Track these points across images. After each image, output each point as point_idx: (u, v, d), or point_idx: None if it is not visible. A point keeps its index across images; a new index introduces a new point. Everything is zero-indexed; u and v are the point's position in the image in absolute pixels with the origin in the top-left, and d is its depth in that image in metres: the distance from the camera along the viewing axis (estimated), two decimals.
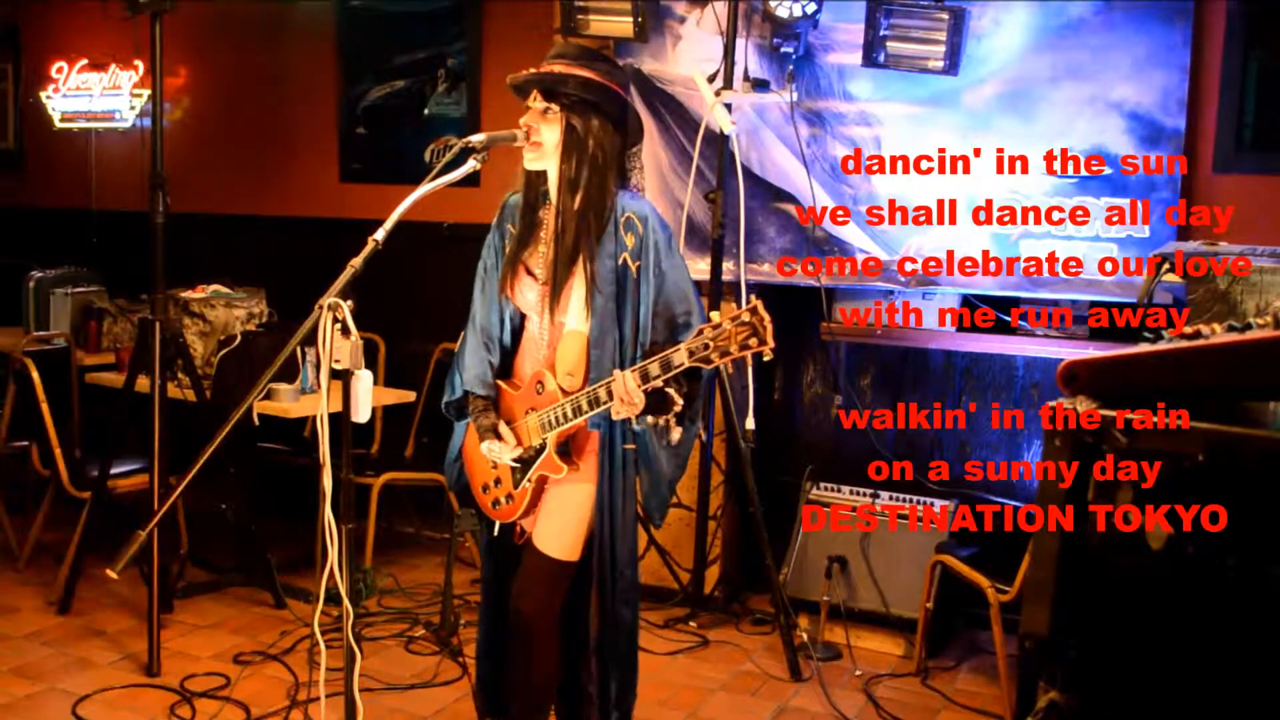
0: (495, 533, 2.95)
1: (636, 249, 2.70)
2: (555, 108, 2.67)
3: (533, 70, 2.69)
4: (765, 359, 2.45)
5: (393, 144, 5.89)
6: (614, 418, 2.63)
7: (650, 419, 2.67)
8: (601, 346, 2.70)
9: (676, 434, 2.71)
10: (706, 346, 2.44)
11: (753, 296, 2.54)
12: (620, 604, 2.82)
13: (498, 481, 2.88)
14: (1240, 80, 4.09)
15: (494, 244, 2.88)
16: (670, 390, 2.60)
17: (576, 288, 2.71)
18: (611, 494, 2.76)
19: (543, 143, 2.67)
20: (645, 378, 2.55)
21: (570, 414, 2.68)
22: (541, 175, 2.77)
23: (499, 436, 2.80)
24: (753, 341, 2.40)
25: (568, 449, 2.79)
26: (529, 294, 2.80)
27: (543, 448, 2.77)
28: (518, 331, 2.89)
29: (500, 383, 2.88)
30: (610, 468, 2.76)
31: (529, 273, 2.79)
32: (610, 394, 2.59)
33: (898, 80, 4.30)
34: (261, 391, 2.52)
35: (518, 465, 2.82)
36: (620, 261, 2.70)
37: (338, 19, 5.92)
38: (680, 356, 2.48)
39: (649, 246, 2.70)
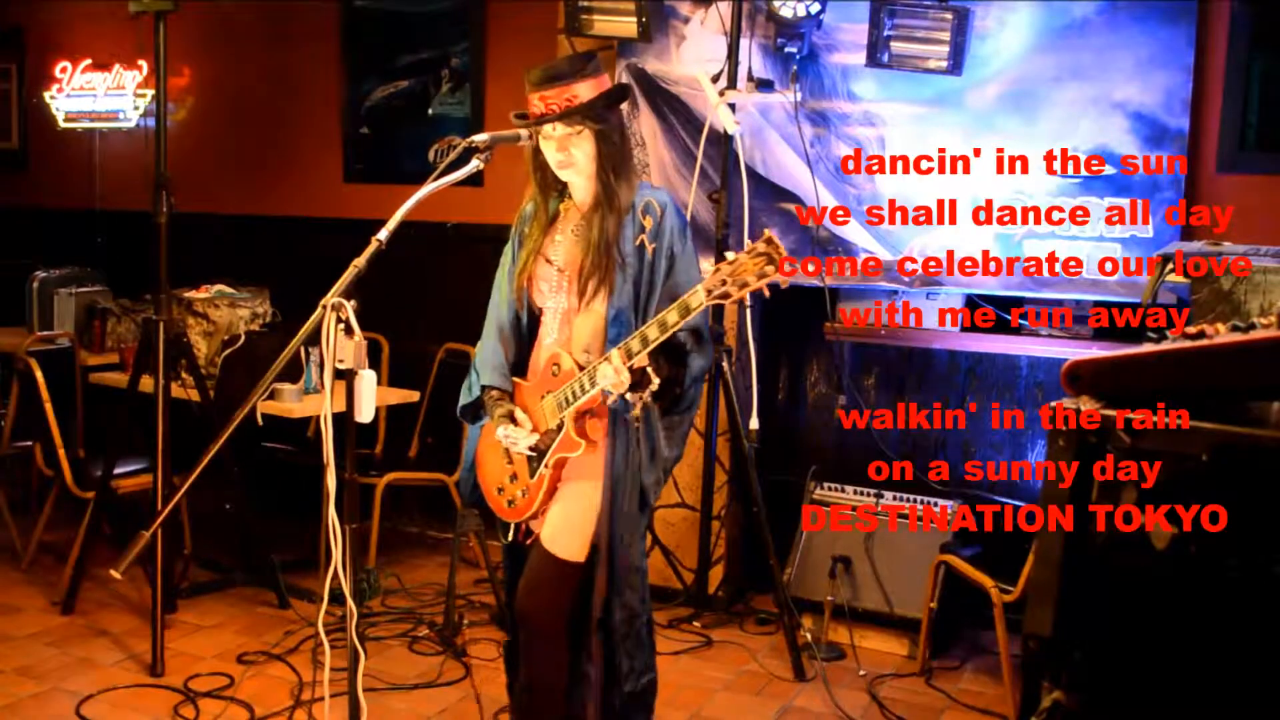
0: (510, 537, 2.94)
1: (654, 231, 2.77)
2: (583, 128, 2.71)
3: (552, 109, 2.67)
4: (782, 287, 2.46)
5: (396, 144, 5.89)
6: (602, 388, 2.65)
7: (630, 395, 2.66)
8: (620, 324, 2.74)
9: (651, 411, 2.71)
10: (724, 282, 2.44)
11: (766, 229, 2.54)
12: (623, 585, 2.80)
13: (513, 478, 2.87)
14: (1244, 80, 4.09)
15: (513, 247, 2.94)
16: (649, 369, 2.62)
17: (600, 271, 2.75)
18: (614, 466, 2.76)
19: (575, 161, 2.74)
20: (644, 342, 2.56)
21: (587, 385, 2.69)
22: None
23: (515, 421, 2.81)
24: (769, 269, 2.41)
25: (584, 427, 2.79)
26: (545, 283, 2.84)
27: (560, 429, 2.77)
28: (534, 330, 2.91)
29: (515, 379, 2.90)
30: (615, 438, 2.77)
31: (547, 260, 2.84)
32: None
33: (901, 80, 4.30)
34: (265, 391, 2.52)
35: (534, 454, 2.81)
36: (638, 243, 2.77)
37: (342, 19, 5.93)
38: (699, 297, 2.48)
39: (665, 230, 2.77)
